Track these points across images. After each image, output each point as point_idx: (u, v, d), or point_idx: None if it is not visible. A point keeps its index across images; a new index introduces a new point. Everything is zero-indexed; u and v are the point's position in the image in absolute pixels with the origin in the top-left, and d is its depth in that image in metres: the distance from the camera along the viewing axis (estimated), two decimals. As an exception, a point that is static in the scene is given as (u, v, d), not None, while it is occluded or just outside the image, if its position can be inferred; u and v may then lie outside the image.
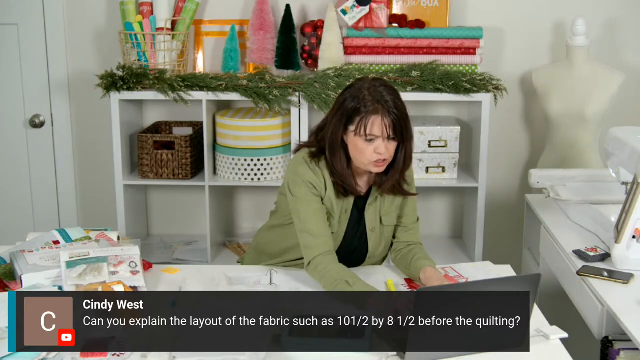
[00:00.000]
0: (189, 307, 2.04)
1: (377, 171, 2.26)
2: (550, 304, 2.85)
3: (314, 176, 2.30)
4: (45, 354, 1.79)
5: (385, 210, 2.38)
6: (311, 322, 1.93)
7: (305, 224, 2.29)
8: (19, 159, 3.77)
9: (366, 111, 2.19)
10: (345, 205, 2.35)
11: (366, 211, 2.37)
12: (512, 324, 1.83)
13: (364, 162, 2.23)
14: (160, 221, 3.80)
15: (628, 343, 2.03)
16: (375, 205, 2.37)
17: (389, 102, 2.19)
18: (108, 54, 3.61)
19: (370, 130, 2.18)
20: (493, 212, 3.68)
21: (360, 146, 2.22)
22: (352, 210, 2.35)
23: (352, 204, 2.35)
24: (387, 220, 2.39)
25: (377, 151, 2.20)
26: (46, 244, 2.30)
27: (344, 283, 2.16)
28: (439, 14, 3.42)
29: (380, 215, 2.38)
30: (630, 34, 3.58)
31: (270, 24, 3.44)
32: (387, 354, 1.83)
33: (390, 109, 2.19)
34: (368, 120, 2.18)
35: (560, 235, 2.62)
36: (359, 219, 2.37)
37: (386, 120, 2.18)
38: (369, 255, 2.41)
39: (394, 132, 2.20)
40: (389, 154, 2.23)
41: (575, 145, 3.39)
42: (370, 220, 2.37)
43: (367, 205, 2.36)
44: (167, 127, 3.64)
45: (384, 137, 2.20)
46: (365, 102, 2.20)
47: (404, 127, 2.22)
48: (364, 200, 2.37)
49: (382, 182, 2.32)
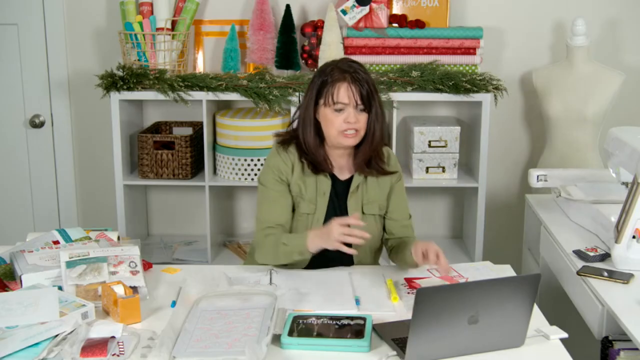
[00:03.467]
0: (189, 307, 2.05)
1: (347, 143, 2.30)
2: (550, 304, 2.85)
3: (281, 161, 2.36)
4: (46, 354, 1.79)
5: (368, 199, 2.40)
6: (311, 322, 1.93)
7: (259, 211, 2.37)
8: (19, 159, 3.77)
9: (333, 80, 2.27)
10: (322, 188, 2.36)
11: (348, 199, 2.39)
12: (512, 324, 1.83)
13: (334, 134, 2.29)
14: (160, 221, 3.80)
15: (628, 343, 2.03)
16: (357, 194, 2.39)
17: (356, 70, 2.28)
18: (108, 54, 3.61)
19: (337, 97, 2.26)
20: (493, 212, 3.68)
21: (329, 117, 2.28)
22: (332, 195, 2.37)
23: (329, 187, 2.37)
24: (369, 209, 2.40)
25: (346, 120, 2.26)
26: (46, 244, 2.30)
27: (282, 245, 2.26)
28: (439, 14, 3.42)
29: (362, 203, 2.40)
30: (630, 34, 3.58)
31: (270, 24, 3.44)
32: (387, 354, 1.83)
33: (357, 77, 2.26)
34: (335, 87, 2.26)
35: (560, 235, 2.62)
36: (341, 206, 2.39)
37: (353, 87, 2.25)
38: (354, 244, 2.39)
39: (362, 101, 2.26)
40: (359, 125, 2.27)
41: (575, 145, 3.39)
42: (352, 208, 2.38)
43: (350, 193, 2.39)
44: (167, 127, 3.64)
45: (352, 105, 2.26)
46: (333, 73, 2.28)
47: (371, 97, 2.28)
48: (347, 187, 2.38)
49: (354, 157, 2.36)
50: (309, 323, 1.93)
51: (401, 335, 1.86)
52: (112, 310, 1.99)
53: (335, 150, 2.36)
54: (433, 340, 1.76)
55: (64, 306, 1.94)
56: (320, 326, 1.91)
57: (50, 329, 1.85)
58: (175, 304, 2.08)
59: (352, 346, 1.84)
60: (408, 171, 3.47)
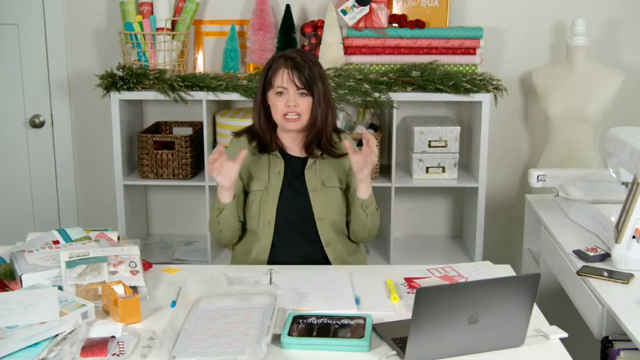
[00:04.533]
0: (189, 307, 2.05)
1: (290, 127, 2.43)
2: (550, 304, 2.85)
3: (232, 148, 2.51)
4: (46, 354, 1.79)
5: (327, 174, 2.50)
6: (311, 322, 1.93)
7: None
8: (19, 159, 3.77)
9: (274, 67, 2.42)
10: (276, 168, 2.49)
11: (306, 175, 2.50)
12: (511, 324, 1.83)
13: (279, 118, 2.43)
14: (160, 221, 3.80)
15: (628, 343, 2.03)
16: (314, 168, 2.50)
17: (296, 57, 2.40)
18: (108, 54, 3.61)
19: (276, 81, 2.40)
20: (493, 212, 3.68)
21: (273, 101, 2.42)
22: (287, 172, 2.49)
23: (282, 166, 2.49)
24: (329, 182, 2.51)
25: (286, 104, 2.40)
26: (46, 244, 2.30)
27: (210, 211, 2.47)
28: (439, 14, 3.42)
29: (322, 178, 2.50)
30: (630, 34, 3.58)
31: (270, 24, 3.44)
32: (387, 353, 1.83)
33: (297, 63, 2.39)
34: (275, 73, 2.41)
35: (560, 235, 2.62)
36: (299, 181, 2.49)
37: (292, 72, 2.38)
38: (317, 216, 2.48)
39: (303, 85, 2.37)
40: (299, 109, 2.39)
41: (575, 145, 3.39)
42: (310, 181, 2.49)
43: (306, 169, 2.50)
44: (167, 127, 3.64)
45: (293, 90, 2.38)
46: (277, 60, 2.43)
47: (313, 82, 2.38)
48: (303, 164, 2.50)
49: (302, 140, 2.49)
50: (309, 323, 1.93)
51: (401, 335, 1.86)
52: (112, 310, 1.99)
53: (286, 133, 2.50)
54: (433, 340, 1.76)
55: (64, 306, 1.94)
56: (320, 326, 1.91)
57: (50, 328, 1.85)
58: (175, 304, 2.08)
59: (352, 346, 1.84)
60: (408, 171, 3.47)
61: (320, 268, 2.40)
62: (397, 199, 3.50)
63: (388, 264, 3.42)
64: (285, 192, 2.48)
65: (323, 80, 2.42)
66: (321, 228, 2.48)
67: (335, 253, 2.50)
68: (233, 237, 2.53)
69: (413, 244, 3.70)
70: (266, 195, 2.48)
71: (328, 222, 2.48)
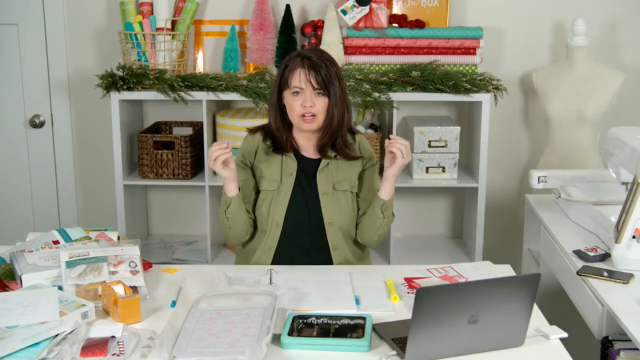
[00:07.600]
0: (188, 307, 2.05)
1: (306, 127, 2.40)
2: (550, 304, 2.85)
3: (246, 145, 2.51)
4: (45, 354, 1.79)
5: (339, 177, 2.47)
6: (311, 322, 1.93)
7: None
8: (19, 159, 3.77)
9: (291, 66, 2.39)
10: (288, 169, 2.46)
11: (318, 177, 2.46)
12: (511, 324, 1.83)
13: (295, 118, 2.40)
14: (160, 221, 3.80)
15: (628, 343, 2.03)
16: (326, 171, 2.47)
17: (313, 57, 2.38)
18: (108, 54, 3.61)
19: (293, 81, 2.37)
20: (493, 212, 3.68)
21: (289, 101, 2.39)
22: (299, 174, 2.46)
23: (295, 167, 2.46)
24: (340, 185, 2.47)
25: (303, 104, 2.35)
26: (46, 244, 2.30)
27: (222, 205, 2.41)
28: (439, 14, 3.42)
29: (333, 181, 2.47)
30: (630, 34, 3.58)
31: (270, 24, 3.44)
32: (387, 353, 1.83)
33: (314, 62, 2.36)
34: (292, 72, 2.38)
35: (560, 235, 2.62)
36: (310, 184, 2.46)
37: (309, 72, 2.35)
38: (326, 220, 2.45)
39: (319, 86, 2.35)
40: (316, 109, 2.36)
41: (575, 145, 3.39)
42: (322, 185, 2.46)
43: (318, 172, 2.46)
44: (167, 127, 3.64)
45: (310, 90, 2.36)
46: (294, 60, 2.40)
47: (329, 82, 2.36)
48: (316, 165, 2.47)
49: (317, 141, 2.46)
50: (309, 323, 1.93)
51: (401, 335, 1.86)
52: (112, 310, 1.99)
53: (301, 133, 2.47)
54: (433, 340, 1.76)
55: (64, 306, 1.94)
56: (320, 326, 1.91)
57: (50, 328, 1.85)
58: (175, 304, 2.08)
59: (352, 346, 1.84)
60: (408, 171, 3.47)
61: (321, 268, 2.40)
62: (397, 199, 3.50)
63: (388, 264, 3.42)
64: (296, 194, 2.46)
65: (339, 80, 2.39)
66: (330, 232, 2.47)
67: (341, 258, 2.49)
68: (243, 233, 2.48)
69: (413, 244, 3.70)
70: (277, 196, 2.46)
71: (337, 227, 2.47)
